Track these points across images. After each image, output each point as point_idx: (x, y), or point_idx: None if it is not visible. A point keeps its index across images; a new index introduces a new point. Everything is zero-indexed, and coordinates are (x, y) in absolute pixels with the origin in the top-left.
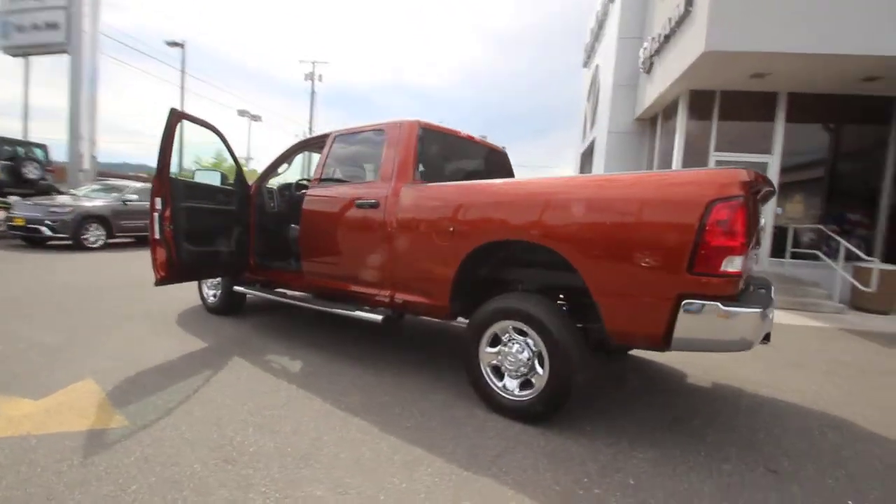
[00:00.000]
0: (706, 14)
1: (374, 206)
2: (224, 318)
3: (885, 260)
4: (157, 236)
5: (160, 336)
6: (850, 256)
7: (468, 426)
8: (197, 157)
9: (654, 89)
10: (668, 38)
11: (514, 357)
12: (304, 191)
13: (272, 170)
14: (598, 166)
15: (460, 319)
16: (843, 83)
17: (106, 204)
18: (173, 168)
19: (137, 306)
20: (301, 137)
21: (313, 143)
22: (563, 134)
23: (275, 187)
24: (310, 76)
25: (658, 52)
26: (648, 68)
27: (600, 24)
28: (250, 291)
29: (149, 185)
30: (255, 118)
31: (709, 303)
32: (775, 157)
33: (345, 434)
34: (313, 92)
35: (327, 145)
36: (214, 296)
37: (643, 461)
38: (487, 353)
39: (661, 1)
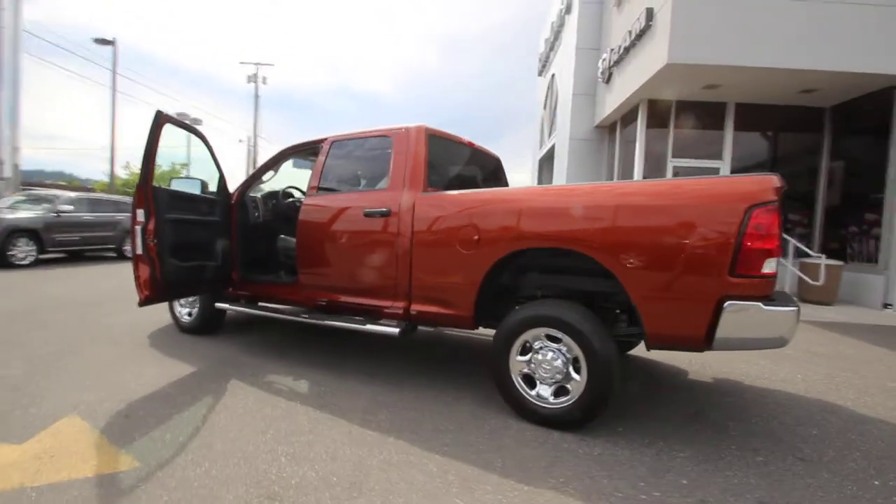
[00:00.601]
0: (668, 29)
1: (386, 214)
2: (202, 339)
3: None
4: (139, 251)
5: (135, 361)
6: (797, 253)
7: (506, 437)
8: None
9: (613, 98)
10: (627, 50)
11: (550, 365)
12: (294, 200)
13: (256, 178)
14: (559, 171)
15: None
16: (783, 94)
17: (37, 216)
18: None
19: (94, 328)
20: (246, 143)
21: (304, 150)
22: (514, 139)
23: (258, 196)
24: (253, 78)
25: (617, 63)
26: (607, 78)
27: (556, 35)
28: (235, 308)
29: (85, 194)
30: (195, 122)
31: (752, 303)
32: (726, 163)
33: (387, 456)
34: (257, 95)
35: (323, 152)
36: (190, 314)
37: (686, 460)
38: (518, 361)
39: (619, 15)
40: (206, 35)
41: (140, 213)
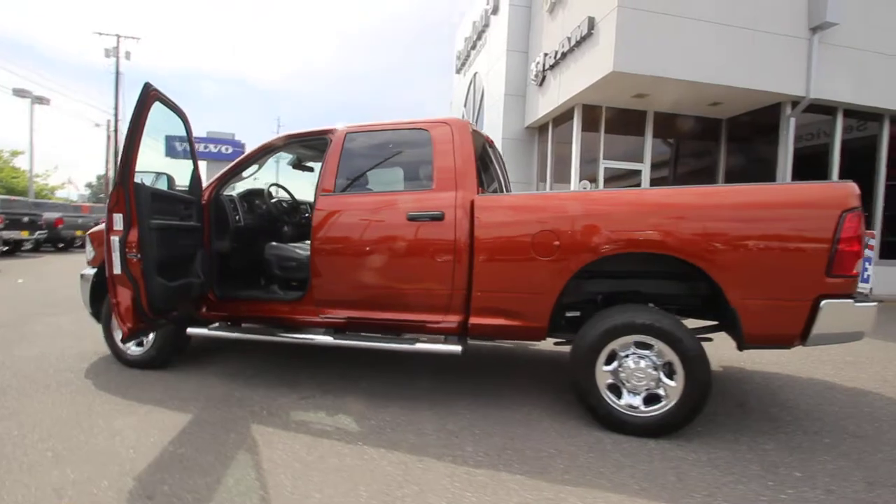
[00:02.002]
0: (613, 39)
1: (438, 218)
2: (162, 373)
3: None
4: (117, 270)
5: (96, 412)
6: None
7: (614, 453)
8: None
9: (548, 101)
10: (565, 55)
11: (644, 372)
12: (279, 201)
13: (232, 173)
14: None
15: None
16: (695, 106)
17: None
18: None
19: (5, 370)
20: (105, 126)
21: (302, 141)
22: None
23: (235, 196)
24: (112, 52)
25: (552, 67)
26: (541, 81)
27: (479, 34)
28: (216, 334)
29: None
30: (41, 101)
31: (845, 301)
32: (646, 166)
33: (522, 499)
34: (118, 72)
35: (335, 146)
36: (140, 343)
37: (777, 452)
38: (604, 372)
39: (551, 20)
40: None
41: (117, 220)
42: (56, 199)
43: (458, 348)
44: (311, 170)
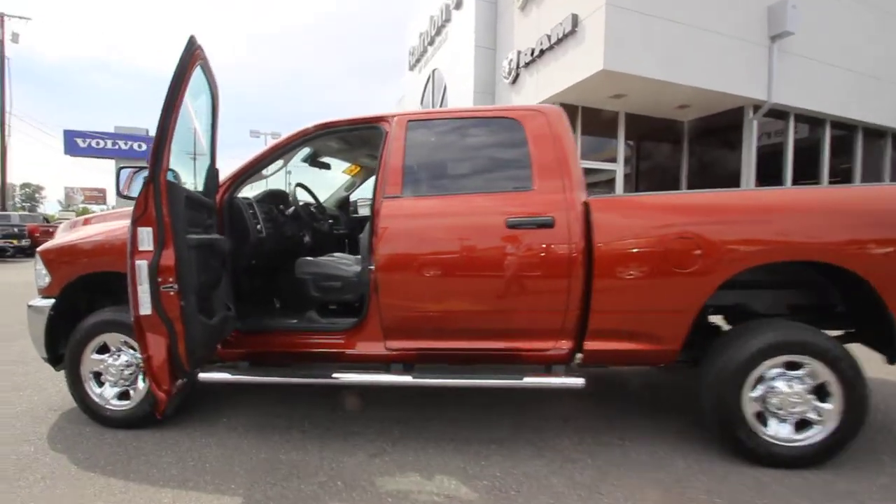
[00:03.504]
0: (602, 37)
1: (547, 225)
2: (161, 436)
3: None
4: (146, 310)
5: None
6: None
7: (777, 488)
8: None
9: (523, 99)
10: (543, 52)
11: (799, 396)
12: (307, 205)
13: (250, 171)
14: None
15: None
16: (664, 108)
17: None
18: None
19: None
20: None
21: (347, 132)
22: None
23: (253, 200)
24: None
25: (528, 65)
26: (514, 79)
27: (438, 30)
28: (250, 379)
29: None
30: None
31: None
32: (619, 166)
33: None
34: (3, 57)
35: (397, 136)
36: (126, 395)
37: None
38: (751, 398)
39: (524, 17)
40: None
41: (145, 236)
42: None
43: (580, 381)
44: (328, 167)
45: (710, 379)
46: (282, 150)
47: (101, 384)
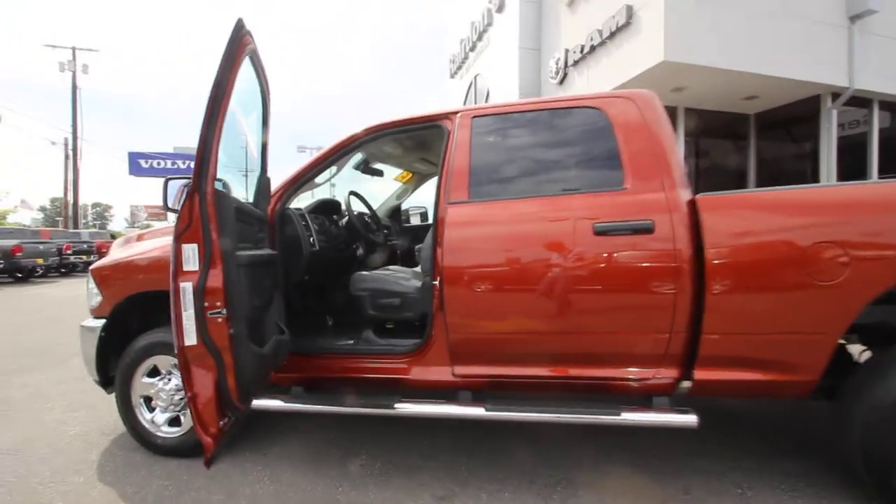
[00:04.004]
0: (661, 24)
1: (646, 230)
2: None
3: None
4: (191, 340)
5: None
6: None
7: None
8: None
9: None
10: (594, 49)
11: None
12: (361, 214)
13: (305, 178)
14: None
15: None
16: (728, 101)
17: None
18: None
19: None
20: (62, 145)
21: (404, 132)
22: None
23: (305, 210)
24: (68, 66)
25: (576, 63)
26: (561, 79)
27: (480, 34)
28: (307, 408)
29: None
30: None
31: None
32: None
33: None
34: (75, 85)
35: (462, 135)
36: (178, 420)
37: None
38: None
39: (571, 14)
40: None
41: (190, 254)
42: (9, 224)
43: (692, 419)
44: (381, 174)
45: (860, 416)
46: (334, 157)
47: (151, 409)
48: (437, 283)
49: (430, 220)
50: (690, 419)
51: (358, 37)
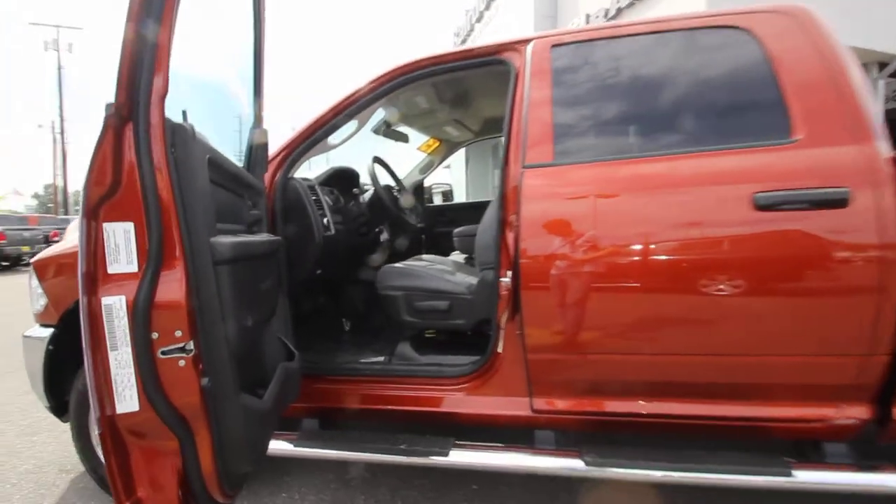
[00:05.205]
0: None
1: (836, 202)
2: None
3: None
4: (126, 406)
5: None
6: None
7: None
8: None
9: None
10: (620, 11)
11: None
12: (390, 187)
13: (316, 139)
14: None
15: None
16: None
17: None
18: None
19: None
20: (50, 128)
21: (453, 69)
22: None
23: (315, 182)
24: (52, 46)
25: None
26: None
27: (487, 4)
28: (316, 453)
29: None
30: None
31: None
32: None
33: None
34: (60, 66)
35: (538, 71)
36: None
37: None
38: None
39: None
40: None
41: (120, 241)
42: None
43: None
44: (406, 139)
45: None
46: (357, 106)
47: None
48: (505, 279)
49: (454, 200)
50: None
51: (357, 14)
